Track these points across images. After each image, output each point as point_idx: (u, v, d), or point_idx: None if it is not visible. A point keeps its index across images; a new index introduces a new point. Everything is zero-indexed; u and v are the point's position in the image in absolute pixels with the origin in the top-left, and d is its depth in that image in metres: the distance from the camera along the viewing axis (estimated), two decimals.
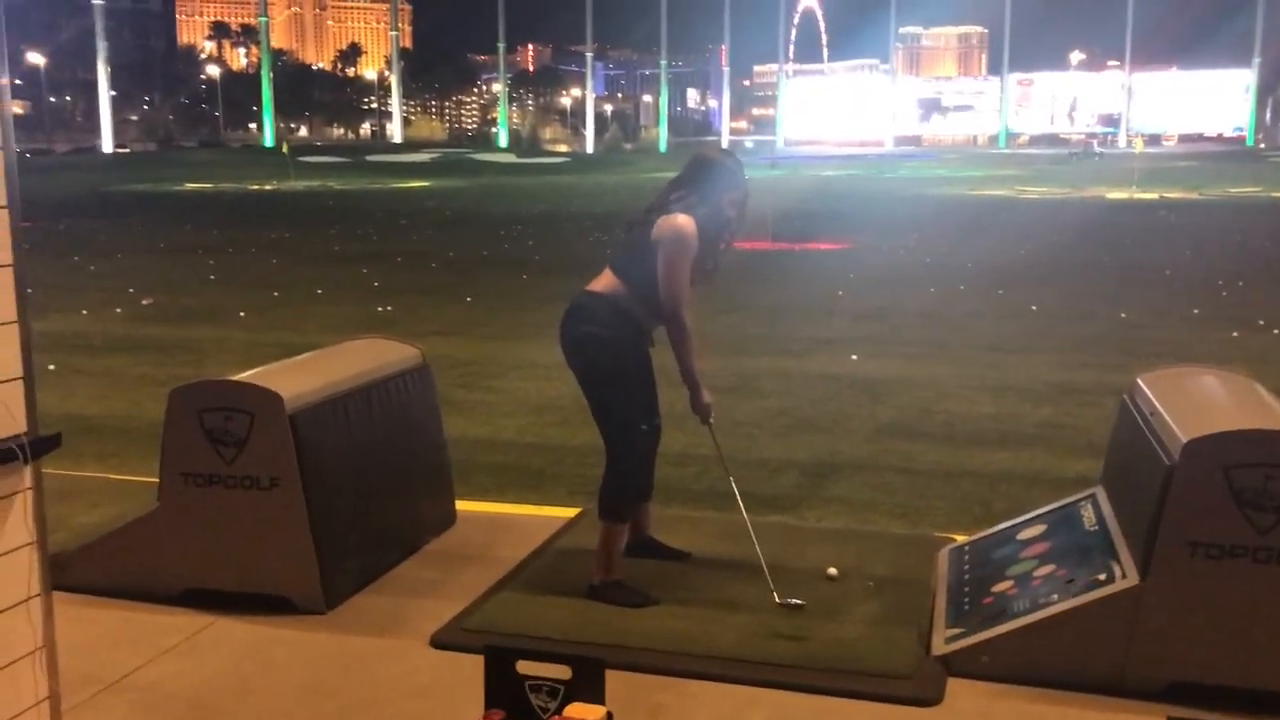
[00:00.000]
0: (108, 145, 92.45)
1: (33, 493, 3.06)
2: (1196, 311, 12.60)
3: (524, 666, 2.91)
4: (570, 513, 5.32)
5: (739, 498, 4.30)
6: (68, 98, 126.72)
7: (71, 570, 4.20)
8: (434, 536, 4.97)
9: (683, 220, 4.08)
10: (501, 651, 2.95)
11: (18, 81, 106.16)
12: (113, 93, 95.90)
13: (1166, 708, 3.40)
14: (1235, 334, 11.05)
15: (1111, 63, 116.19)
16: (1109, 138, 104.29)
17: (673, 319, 4.12)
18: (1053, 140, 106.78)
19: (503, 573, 4.48)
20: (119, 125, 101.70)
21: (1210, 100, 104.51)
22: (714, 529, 5.02)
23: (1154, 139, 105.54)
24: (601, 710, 2.90)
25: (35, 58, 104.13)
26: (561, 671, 2.89)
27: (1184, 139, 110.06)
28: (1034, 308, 12.91)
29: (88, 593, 4.22)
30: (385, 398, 4.67)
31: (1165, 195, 40.56)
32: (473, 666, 3.12)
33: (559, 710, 2.91)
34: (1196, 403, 3.99)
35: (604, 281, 4.21)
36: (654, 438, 4.46)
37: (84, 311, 12.80)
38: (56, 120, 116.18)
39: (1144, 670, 3.46)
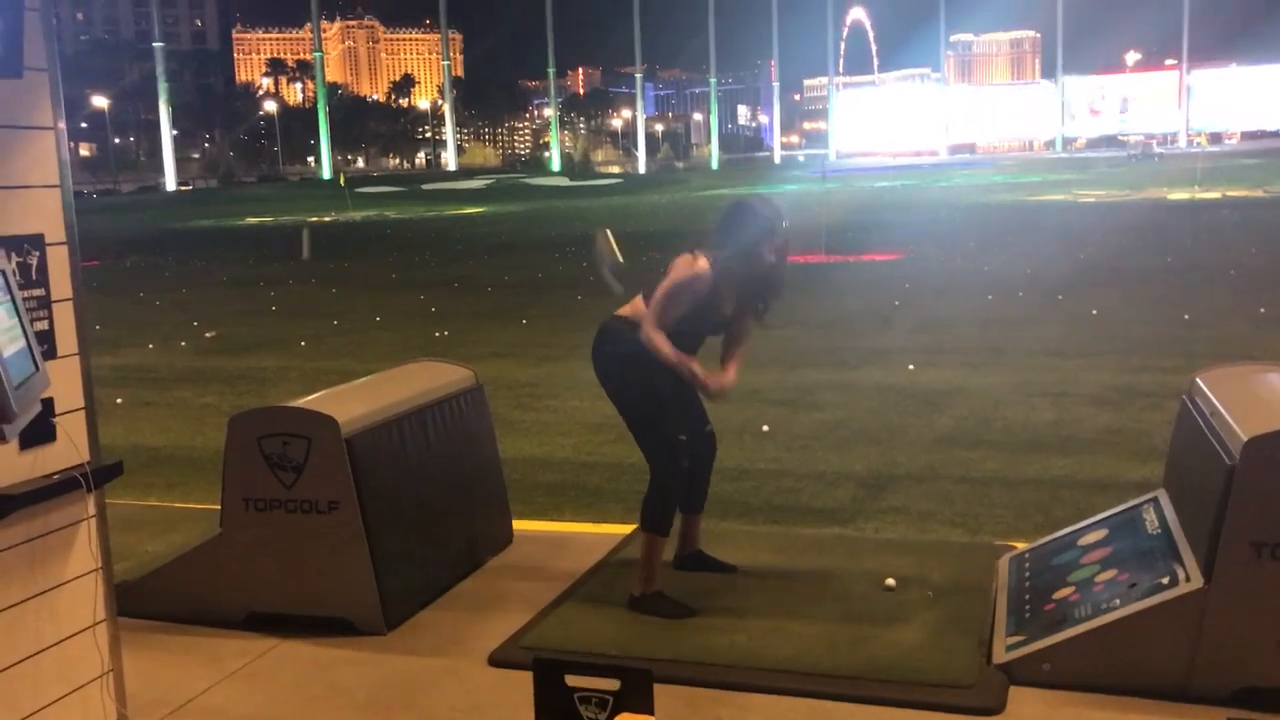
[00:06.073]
0: (171, 183, 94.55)
1: (96, 520, 3.13)
2: (1262, 310, 12.35)
3: (573, 679, 2.92)
4: (626, 529, 5.32)
5: None
6: (131, 139, 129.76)
7: (137, 597, 4.29)
8: (492, 556, 5.00)
9: (698, 261, 4.18)
10: (550, 664, 2.96)
11: (83, 125, 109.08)
12: (174, 132, 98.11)
13: (1230, 712, 3.32)
14: None
15: (1169, 62, 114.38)
16: (1169, 137, 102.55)
17: (643, 335, 4.18)
18: (1111, 142, 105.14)
19: (559, 590, 4.51)
20: (181, 163, 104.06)
21: (1272, 96, 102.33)
22: (768, 542, 5.02)
23: (1216, 137, 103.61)
24: None
25: (100, 101, 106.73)
26: (610, 683, 2.90)
27: (1246, 136, 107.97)
28: (1094, 312, 12.72)
29: (153, 619, 4.31)
30: (440, 419, 4.73)
31: (1228, 194, 39.86)
32: (529, 684, 3.13)
33: None
34: (1257, 400, 3.90)
35: (632, 306, 4.36)
36: (703, 446, 4.48)
37: (150, 346, 13.06)
38: (121, 161, 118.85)
39: (1209, 675, 3.39)
